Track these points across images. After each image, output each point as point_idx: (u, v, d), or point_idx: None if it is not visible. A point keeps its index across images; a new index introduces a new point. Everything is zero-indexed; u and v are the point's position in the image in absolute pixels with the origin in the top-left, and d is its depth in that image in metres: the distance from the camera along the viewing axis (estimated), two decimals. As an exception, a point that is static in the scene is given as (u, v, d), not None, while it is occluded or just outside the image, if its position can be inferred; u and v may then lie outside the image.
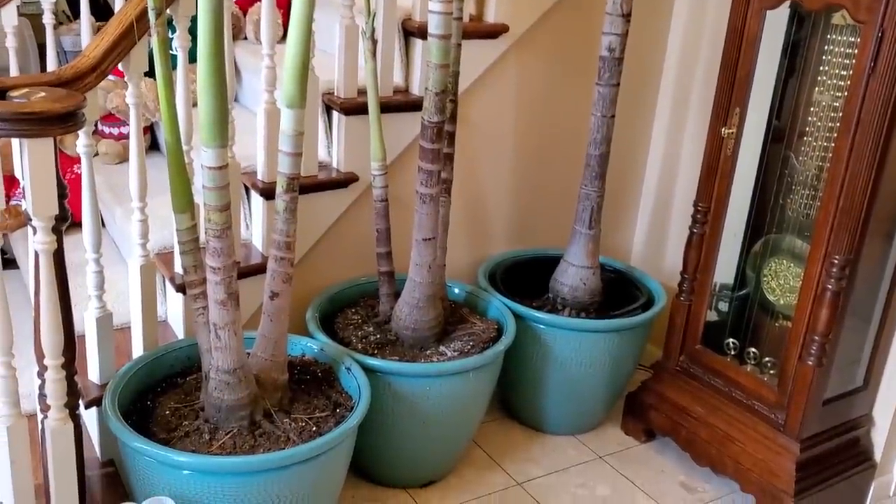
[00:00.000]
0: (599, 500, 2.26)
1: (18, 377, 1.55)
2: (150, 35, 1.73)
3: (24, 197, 2.41)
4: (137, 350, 1.98)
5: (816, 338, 2.02)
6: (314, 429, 1.76)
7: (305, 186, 2.08)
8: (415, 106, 2.27)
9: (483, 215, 2.64)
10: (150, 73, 2.27)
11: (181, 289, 2.03)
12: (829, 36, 2.06)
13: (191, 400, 1.83)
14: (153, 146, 2.98)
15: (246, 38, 3.07)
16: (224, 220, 1.62)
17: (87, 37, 2.70)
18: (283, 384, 1.83)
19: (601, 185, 2.34)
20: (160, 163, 2.62)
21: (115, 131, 2.88)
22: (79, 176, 1.87)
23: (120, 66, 1.79)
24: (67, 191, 1.62)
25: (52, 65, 2.76)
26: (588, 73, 2.43)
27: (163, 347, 1.97)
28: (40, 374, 1.64)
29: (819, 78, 2.10)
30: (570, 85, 2.60)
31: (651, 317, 2.41)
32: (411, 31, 2.32)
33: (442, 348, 2.14)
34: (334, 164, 2.31)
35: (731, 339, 2.33)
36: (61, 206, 1.53)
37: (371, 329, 2.19)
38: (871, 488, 2.31)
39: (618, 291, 2.55)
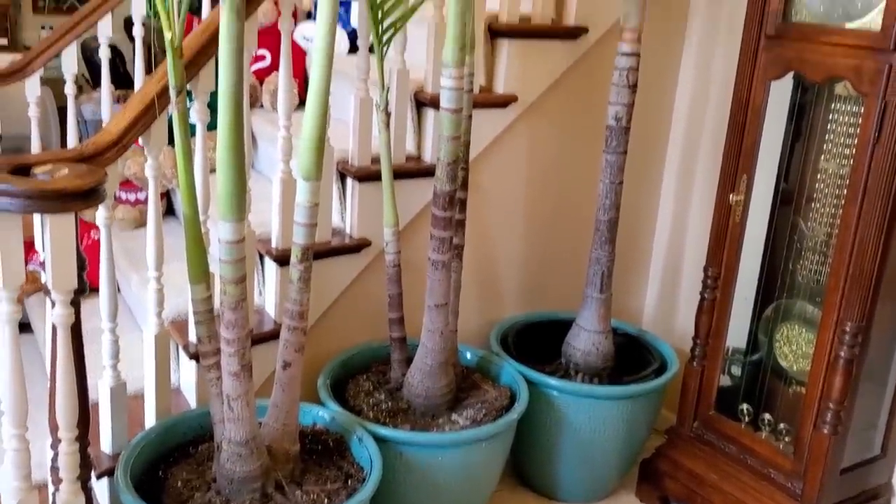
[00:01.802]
0: (614, 570, 2.23)
1: (30, 446, 1.55)
2: (169, 111, 1.78)
3: (41, 265, 2.44)
4: (150, 418, 1.99)
5: (831, 405, 2.01)
6: (326, 501, 1.75)
7: (319, 252, 2.10)
8: (426, 172, 2.31)
9: (494, 279, 2.66)
10: (168, 140, 2.33)
11: (195, 357, 2.04)
12: (833, 105, 2.09)
13: (203, 471, 1.83)
14: (169, 211, 3.02)
15: (262, 107, 3.14)
16: (239, 292, 1.64)
17: (106, 106, 2.78)
18: (295, 455, 1.83)
19: (611, 249, 2.36)
20: (176, 229, 2.65)
21: (132, 197, 2.93)
22: (95, 241, 1.91)
23: (140, 141, 1.83)
24: (86, 263, 1.65)
25: (72, 133, 2.83)
26: (596, 140, 2.47)
27: (176, 416, 1.97)
28: (53, 446, 1.65)
29: (825, 146, 2.13)
30: (578, 151, 2.64)
31: (664, 382, 2.40)
32: (423, 102, 2.37)
33: (454, 416, 2.14)
34: (347, 230, 2.34)
35: (745, 405, 2.31)
36: (80, 278, 1.56)
37: (383, 396, 2.19)
38: (892, 559, 2.27)
39: (630, 356, 2.55)
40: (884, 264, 1.92)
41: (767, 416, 2.27)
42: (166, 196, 3.01)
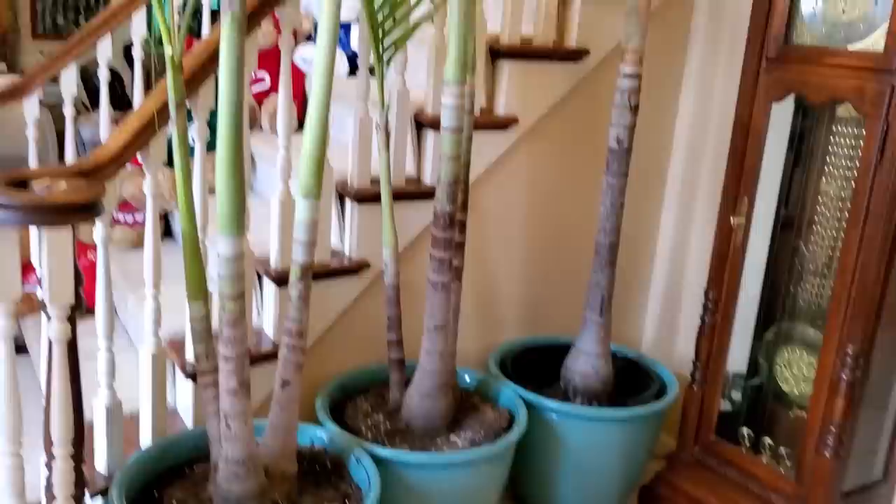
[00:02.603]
0: None
1: (24, 464, 1.53)
2: (168, 127, 1.78)
3: (38, 284, 2.42)
4: (146, 439, 1.96)
5: (833, 428, 1.99)
6: (323, 522, 1.73)
7: (317, 273, 2.09)
8: (426, 195, 2.30)
9: (494, 302, 2.64)
10: (167, 161, 2.32)
11: (192, 377, 2.02)
12: (834, 128, 2.10)
13: (199, 491, 1.80)
14: (166, 233, 3.01)
15: (261, 129, 3.14)
16: (238, 308, 1.62)
17: (105, 128, 2.77)
18: (292, 475, 1.80)
19: (611, 272, 2.35)
20: (172, 250, 2.64)
21: (130, 218, 2.92)
22: (92, 262, 1.89)
23: (138, 157, 1.82)
24: (83, 279, 1.64)
25: (70, 154, 2.83)
26: (597, 163, 2.47)
27: (172, 437, 1.95)
28: (48, 465, 1.63)
29: (826, 168, 2.13)
30: (579, 174, 2.64)
31: (664, 406, 2.38)
32: (423, 123, 2.37)
33: (453, 438, 2.11)
34: (346, 252, 2.33)
35: (745, 429, 2.29)
36: (77, 294, 1.54)
37: (381, 417, 2.16)
38: (895, 586, 2.24)
39: (629, 379, 2.53)
40: (886, 287, 1.91)
41: (768, 440, 2.25)
42: (164, 219, 3.00)
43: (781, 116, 2.16)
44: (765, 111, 2.10)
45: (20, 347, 2.63)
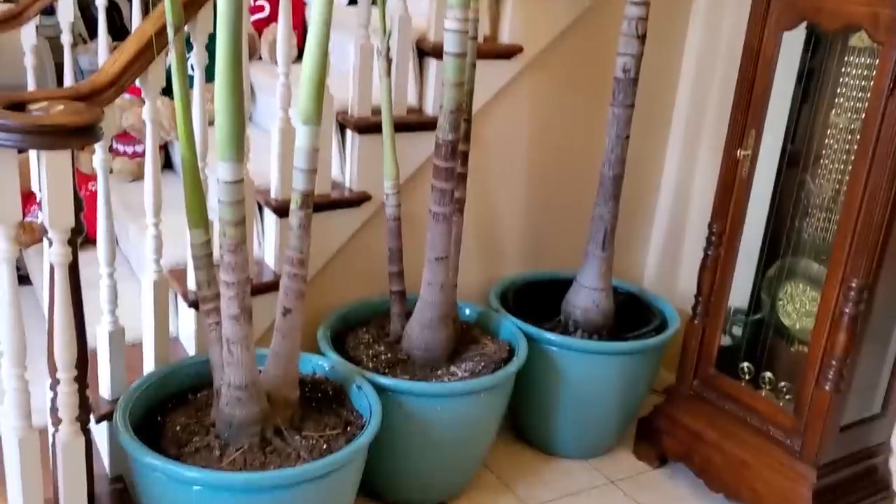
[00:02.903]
0: (612, 525, 2.23)
1: (30, 392, 1.54)
2: (167, 52, 1.75)
3: (39, 212, 2.42)
4: (148, 366, 1.97)
5: (834, 363, 2.00)
6: (325, 447, 1.75)
7: (318, 205, 2.07)
8: (428, 125, 2.27)
9: (495, 235, 2.63)
10: (166, 92, 2.28)
11: (194, 305, 2.02)
12: (846, 58, 2.06)
13: (201, 416, 1.82)
14: (166, 165, 2.99)
15: (261, 59, 3.09)
16: (239, 234, 1.62)
17: (104, 55, 2.73)
18: (294, 402, 1.82)
19: (615, 206, 2.33)
20: (173, 181, 2.63)
21: (129, 150, 2.90)
22: (93, 193, 1.88)
23: (137, 83, 1.79)
24: (83, 204, 1.63)
25: (69, 82, 2.78)
26: (602, 94, 2.44)
27: (174, 364, 1.96)
28: (52, 388, 1.64)
29: (836, 100, 2.09)
30: (583, 105, 2.60)
31: (664, 340, 2.39)
32: (426, 52, 2.32)
33: (453, 369, 2.13)
34: (347, 184, 2.31)
35: (745, 364, 2.30)
36: (77, 219, 1.53)
37: (382, 348, 2.18)
38: (889, 517, 2.27)
39: (630, 314, 2.53)
40: (892, 220, 1.89)
41: (768, 374, 2.26)
42: (164, 149, 2.97)
43: (791, 49, 2.11)
44: (775, 40, 2.05)
45: (23, 278, 2.64)
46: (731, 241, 2.23)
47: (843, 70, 2.06)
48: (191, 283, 2.02)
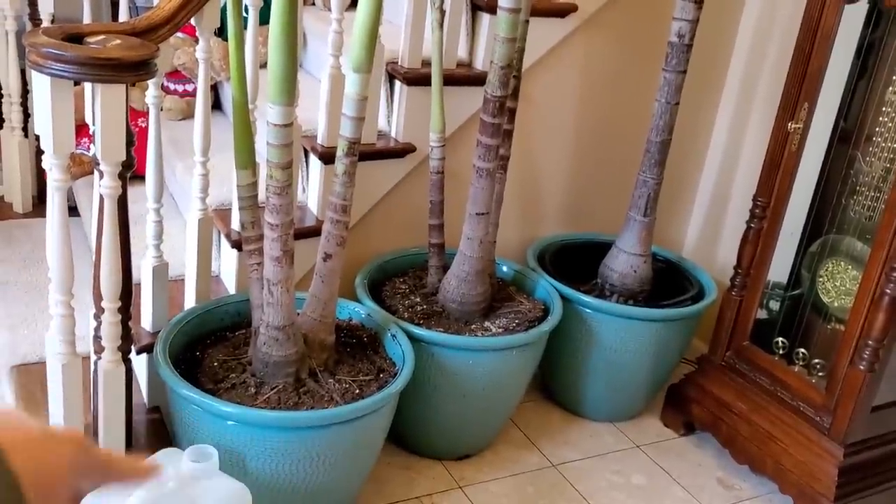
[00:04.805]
0: (635, 488, 2.25)
1: (75, 319, 1.59)
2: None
3: (91, 145, 2.46)
4: (190, 302, 2.02)
5: (870, 343, 1.98)
6: (357, 391, 1.78)
7: (363, 154, 2.07)
8: (477, 80, 2.26)
9: (537, 195, 2.63)
10: (218, 33, 2.29)
11: (237, 245, 2.06)
12: (908, 34, 2.00)
13: (239, 354, 1.86)
14: (215, 105, 3.01)
15: (314, 4, 3.09)
16: (286, 177, 1.64)
17: (159, -7, 2.74)
18: (330, 345, 1.85)
19: (660, 172, 2.31)
20: (221, 122, 2.65)
21: (180, 88, 2.93)
22: (143, 129, 1.91)
23: (192, 21, 1.81)
24: (135, 139, 1.66)
25: (124, 18, 2.80)
26: (654, 58, 2.40)
27: (214, 301, 2.00)
28: (96, 317, 1.69)
29: (893, 77, 2.04)
30: (635, 69, 2.57)
31: (700, 309, 2.38)
32: (479, 6, 2.30)
33: (487, 324, 2.15)
34: (393, 134, 2.32)
35: (780, 339, 2.29)
36: (128, 153, 1.56)
37: (418, 300, 2.20)
38: (913, 501, 2.26)
39: (668, 282, 2.52)
40: (942, 202, 1.86)
41: (802, 350, 2.25)
42: (214, 90, 2.99)
43: (852, 22, 2.06)
44: (836, 12, 2.00)
45: (72, 209, 2.69)
46: (775, 215, 2.20)
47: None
48: (235, 224, 2.05)
